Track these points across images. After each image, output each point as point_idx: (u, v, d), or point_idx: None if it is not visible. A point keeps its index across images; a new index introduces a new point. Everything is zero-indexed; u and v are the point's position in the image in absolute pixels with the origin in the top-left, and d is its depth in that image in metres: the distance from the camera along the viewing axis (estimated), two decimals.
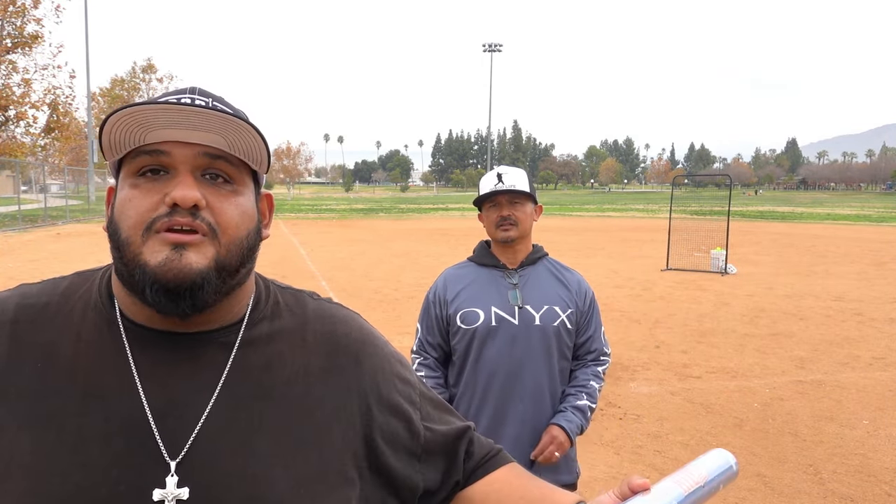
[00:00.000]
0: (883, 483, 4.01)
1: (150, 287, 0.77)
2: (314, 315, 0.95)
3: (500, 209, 2.20)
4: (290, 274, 11.72)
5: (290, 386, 0.86)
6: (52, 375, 0.79)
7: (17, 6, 27.18)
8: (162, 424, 0.78)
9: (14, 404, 0.78)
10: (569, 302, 2.21)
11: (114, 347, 0.82)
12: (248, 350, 0.86)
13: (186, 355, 0.83)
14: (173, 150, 0.79)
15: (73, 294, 0.87)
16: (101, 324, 0.83)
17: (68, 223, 27.43)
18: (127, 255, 0.79)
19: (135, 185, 0.80)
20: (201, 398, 0.81)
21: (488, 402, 2.15)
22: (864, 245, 20.59)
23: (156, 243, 0.77)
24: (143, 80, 51.84)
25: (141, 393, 0.79)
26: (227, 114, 0.79)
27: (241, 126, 0.80)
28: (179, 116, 0.78)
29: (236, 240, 0.82)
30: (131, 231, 0.78)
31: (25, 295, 0.87)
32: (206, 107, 0.78)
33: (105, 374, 0.80)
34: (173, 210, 0.77)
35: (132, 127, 0.78)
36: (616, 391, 5.72)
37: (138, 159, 0.80)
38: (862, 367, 6.56)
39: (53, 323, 0.83)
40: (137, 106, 0.77)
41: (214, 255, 0.79)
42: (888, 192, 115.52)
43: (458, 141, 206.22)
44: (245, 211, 0.84)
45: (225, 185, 0.82)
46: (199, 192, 0.78)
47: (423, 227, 27.91)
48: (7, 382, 0.79)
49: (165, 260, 0.77)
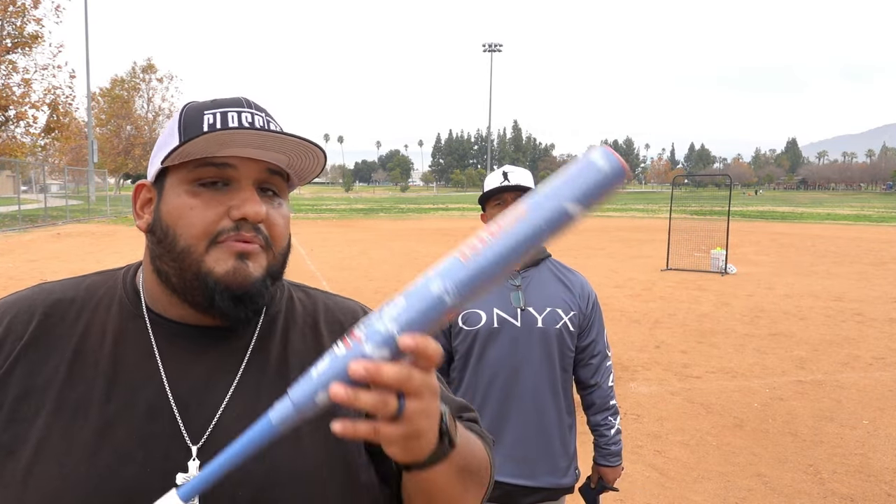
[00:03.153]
0: (883, 483, 4.01)
1: (219, 294, 0.81)
2: (325, 307, 0.99)
3: (505, 207, 2.20)
4: (290, 274, 11.52)
5: (304, 370, 0.88)
6: (78, 365, 0.83)
7: (17, 6, 27.18)
8: (184, 411, 0.82)
9: (42, 392, 0.81)
10: (571, 304, 2.21)
11: (139, 338, 0.85)
12: (265, 342, 0.90)
13: (208, 346, 0.86)
14: (240, 164, 0.82)
15: (97, 290, 0.91)
16: (126, 317, 0.87)
17: (68, 223, 27.43)
18: (186, 262, 0.81)
19: (194, 194, 0.82)
20: (222, 386, 0.84)
21: (489, 403, 2.15)
22: (864, 245, 20.59)
23: (220, 252, 0.81)
24: (143, 80, 51.79)
25: (164, 381, 0.83)
26: (303, 140, 0.82)
27: (311, 150, 0.83)
28: (257, 140, 0.81)
29: (283, 249, 0.88)
30: (194, 240, 0.81)
31: (50, 291, 0.90)
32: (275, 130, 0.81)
33: (130, 363, 0.84)
34: (239, 224, 0.81)
35: (212, 146, 0.80)
36: (616, 391, 5.70)
37: (201, 169, 0.82)
38: (862, 367, 6.56)
39: (80, 316, 0.87)
40: (223, 132, 0.78)
41: (267, 265, 0.85)
42: (888, 192, 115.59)
43: (458, 141, 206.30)
44: (287, 221, 0.89)
45: (275, 199, 0.87)
46: (265, 209, 0.82)
47: (424, 227, 27.91)
48: (35, 372, 0.82)
49: (233, 269, 0.81)
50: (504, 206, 2.20)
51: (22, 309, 0.87)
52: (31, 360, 0.83)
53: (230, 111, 0.84)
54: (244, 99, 0.87)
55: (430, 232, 25.15)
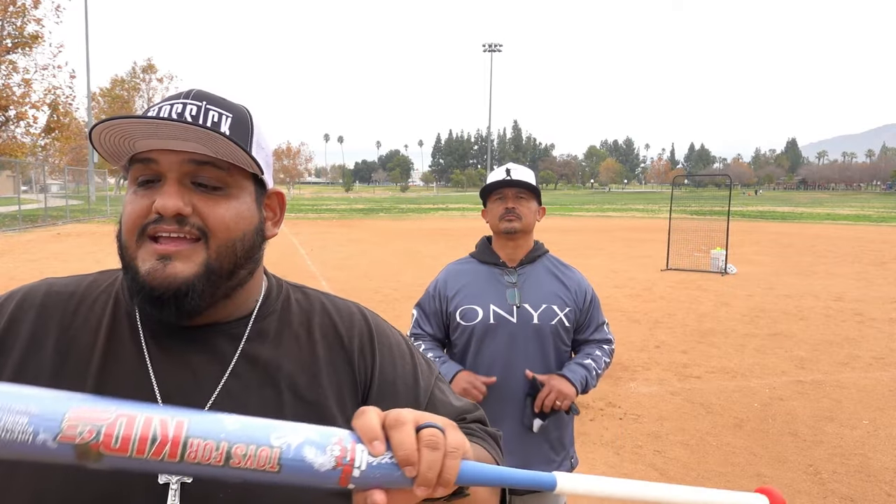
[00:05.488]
0: (883, 483, 4.01)
1: (137, 294, 0.82)
2: (321, 309, 0.97)
3: (505, 202, 2.22)
4: (290, 274, 11.56)
5: (295, 377, 0.88)
6: (69, 360, 0.84)
7: (17, 6, 27.16)
8: None
9: (30, 382, 0.80)
10: (567, 300, 2.22)
11: (130, 336, 0.86)
12: (255, 342, 0.89)
13: (197, 346, 0.86)
14: (160, 157, 0.82)
15: (96, 287, 0.93)
16: (119, 315, 0.88)
17: (68, 223, 27.43)
18: (125, 259, 0.84)
19: (134, 192, 0.85)
20: (209, 386, 0.84)
21: (485, 399, 2.16)
22: (864, 245, 20.59)
23: (145, 252, 0.82)
24: (143, 80, 51.78)
25: (153, 379, 0.83)
26: (202, 126, 0.80)
27: (214, 137, 0.81)
28: (158, 128, 0.80)
29: (228, 242, 0.84)
30: (127, 235, 0.84)
31: (53, 284, 0.92)
32: (179, 119, 0.81)
33: (120, 361, 0.84)
34: (160, 218, 0.81)
35: (117, 138, 0.81)
36: (616, 391, 5.72)
37: (134, 167, 0.85)
38: (862, 367, 6.56)
39: (77, 311, 0.88)
40: (115, 120, 0.79)
41: (204, 261, 0.82)
42: (888, 192, 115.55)
43: (458, 141, 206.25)
44: (239, 213, 0.86)
45: (215, 191, 0.84)
46: (180, 201, 0.81)
47: (423, 227, 27.91)
48: (27, 360, 0.83)
49: (150, 269, 0.81)
50: (505, 201, 2.22)
51: (20, 297, 0.89)
52: (24, 349, 0.84)
53: (164, 105, 0.85)
54: (193, 91, 0.87)
55: (429, 232, 25.14)
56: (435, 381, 1.02)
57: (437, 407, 1.01)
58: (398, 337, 1.02)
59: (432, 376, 1.03)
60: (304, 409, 0.86)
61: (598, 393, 5.54)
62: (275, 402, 0.85)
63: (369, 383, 0.93)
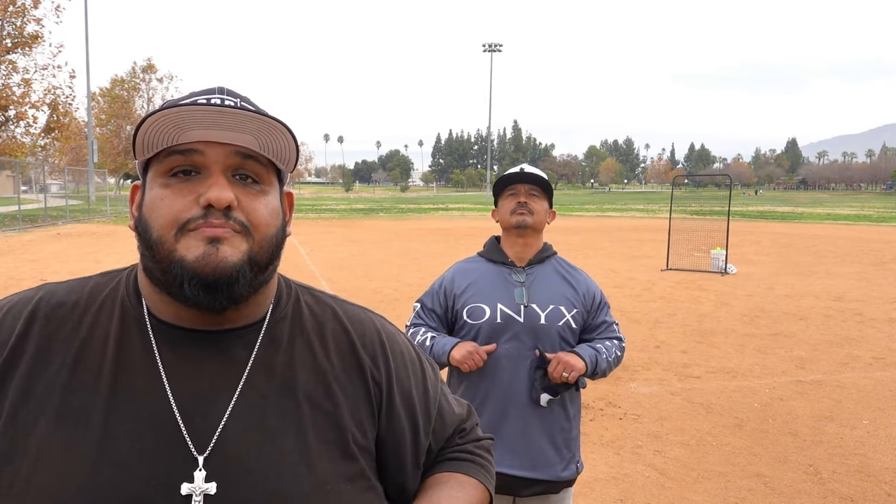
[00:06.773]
0: (883, 483, 4.01)
1: (188, 281, 0.78)
2: (334, 316, 0.96)
3: (518, 196, 2.23)
4: (290, 274, 11.46)
5: (311, 385, 0.87)
6: (80, 372, 0.81)
7: (17, 6, 27.17)
8: (188, 420, 0.79)
9: (42, 399, 0.79)
10: (575, 302, 2.22)
11: (141, 345, 0.83)
12: (270, 348, 0.87)
13: (211, 352, 0.84)
14: (206, 149, 0.80)
15: (99, 293, 0.89)
16: (128, 321, 0.85)
17: (68, 223, 27.41)
18: (160, 254, 0.79)
19: (166, 185, 0.81)
20: (226, 394, 0.82)
21: (492, 396, 2.16)
22: (864, 245, 20.59)
23: (191, 240, 0.78)
24: (143, 80, 51.79)
25: (167, 389, 0.81)
26: (260, 114, 0.80)
27: (274, 126, 0.81)
28: (213, 117, 0.79)
29: (267, 237, 0.83)
30: (163, 231, 0.79)
31: (53, 293, 0.88)
32: (235, 107, 0.79)
33: (132, 371, 0.81)
34: (207, 211, 0.79)
35: (167, 128, 0.79)
36: (616, 391, 5.72)
37: (170, 159, 0.81)
38: (862, 367, 6.55)
39: (82, 321, 0.85)
40: (173, 108, 0.78)
41: (248, 250, 0.81)
42: (888, 192, 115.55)
43: (458, 141, 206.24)
44: (273, 209, 0.85)
45: (254, 185, 0.83)
46: (232, 193, 0.79)
47: (424, 227, 27.90)
48: (35, 377, 0.80)
49: (203, 254, 0.78)
50: (517, 196, 2.22)
51: (21, 310, 0.85)
52: (31, 364, 0.81)
53: (199, 98, 0.83)
54: (219, 87, 0.85)
55: (430, 232, 25.13)
56: (441, 389, 1.04)
57: (444, 416, 1.02)
58: (408, 344, 1.02)
59: (438, 383, 1.04)
60: (322, 420, 0.85)
61: (598, 393, 5.54)
62: (294, 414, 0.84)
63: (383, 393, 0.92)
